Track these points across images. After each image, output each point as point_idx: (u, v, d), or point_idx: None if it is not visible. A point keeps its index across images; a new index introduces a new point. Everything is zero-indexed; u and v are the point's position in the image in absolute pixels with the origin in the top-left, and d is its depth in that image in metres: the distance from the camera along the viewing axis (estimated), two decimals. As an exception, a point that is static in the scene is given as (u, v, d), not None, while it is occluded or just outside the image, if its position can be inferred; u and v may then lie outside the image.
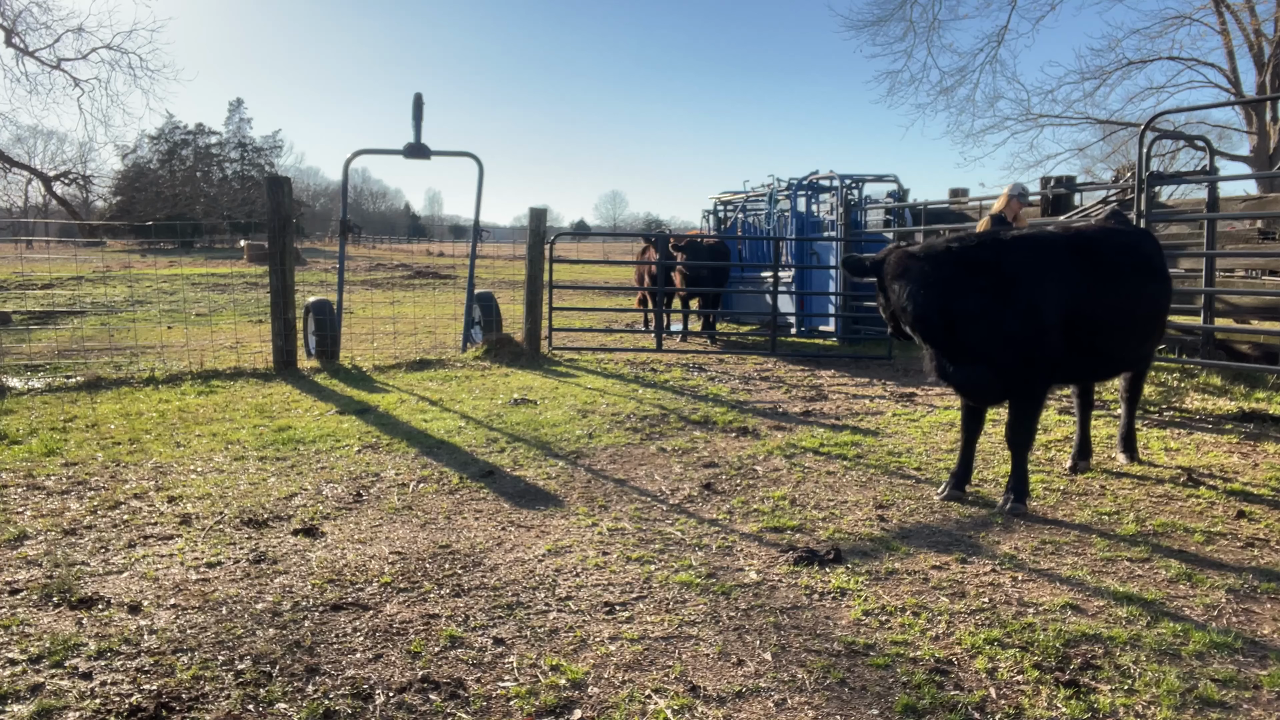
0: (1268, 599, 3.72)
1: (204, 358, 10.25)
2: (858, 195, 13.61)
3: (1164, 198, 11.87)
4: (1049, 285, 4.73)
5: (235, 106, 76.98)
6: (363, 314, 16.36)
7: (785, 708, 2.90)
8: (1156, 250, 5.39)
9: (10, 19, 33.23)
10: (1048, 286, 4.72)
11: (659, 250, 12.65)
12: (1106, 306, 4.94)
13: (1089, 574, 3.99)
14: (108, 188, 64.30)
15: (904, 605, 3.66)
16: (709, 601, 3.71)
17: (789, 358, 11.19)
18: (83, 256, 34.95)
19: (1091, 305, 4.86)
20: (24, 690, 2.94)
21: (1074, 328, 4.80)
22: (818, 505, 5.03)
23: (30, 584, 3.81)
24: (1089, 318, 4.86)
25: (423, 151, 10.87)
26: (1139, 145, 8.58)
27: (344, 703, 2.89)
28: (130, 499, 5.04)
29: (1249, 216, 9.48)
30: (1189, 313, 9.72)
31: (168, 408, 7.58)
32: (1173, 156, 24.88)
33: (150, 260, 34.36)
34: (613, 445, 6.42)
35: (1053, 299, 4.73)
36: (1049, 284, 4.73)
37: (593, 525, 4.67)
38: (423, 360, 10.31)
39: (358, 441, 6.42)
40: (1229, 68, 23.45)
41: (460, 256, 42.28)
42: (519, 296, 13.13)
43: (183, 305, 17.93)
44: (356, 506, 4.97)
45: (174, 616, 3.51)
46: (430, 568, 4.06)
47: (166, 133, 69.25)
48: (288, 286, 9.41)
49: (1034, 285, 4.69)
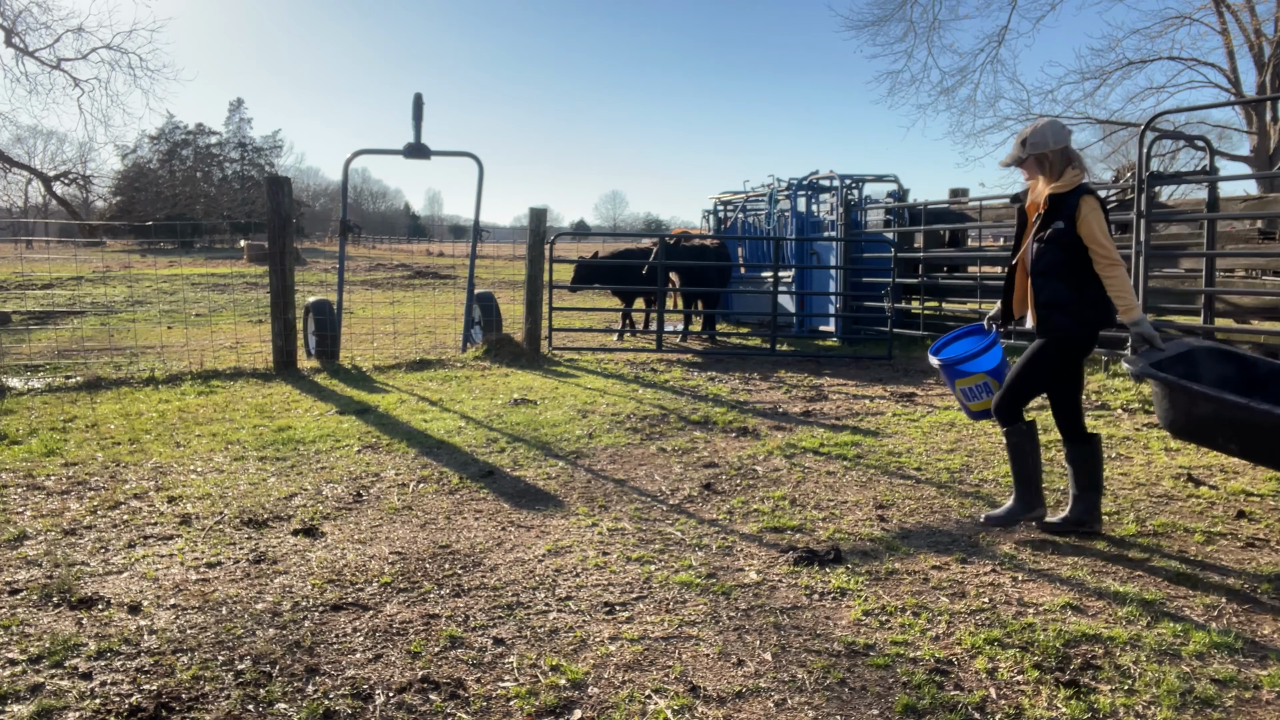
0: (1267, 599, 3.72)
1: (204, 358, 10.26)
2: (858, 195, 13.61)
3: (1164, 198, 11.87)
4: None
5: (235, 106, 77.04)
6: (363, 314, 16.36)
7: (785, 708, 2.90)
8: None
9: (10, 19, 33.27)
10: None
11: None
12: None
13: (1089, 574, 3.99)
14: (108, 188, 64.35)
15: (904, 605, 3.66)
16: (709, 601, 3.71)
17: (789, 358, 11.19)
18: (83, 256, 34.96)
19: None
20: (24, 690, 2.94)
21: None
22: (818, 505, 5.03)
23: (30, 584, 3.81)
24: None
25: (423, 151, 10.87)
26: (1139, 145, 8.58)
27: (344, 703, 2.88)
28: (130, 499, 5.04)
29: (1249, 216, 9.48)
30: (1189, 313, 9.72)
31: (168, 408, 7.58)
32: (1173, 156, 24.88)
33: (150, 260, 34.36)
34: (613, 445, 6.42)
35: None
36: None
37: (593, 525, 4.67)
38: (423, 360, 10.31)
39: (358, 441, 6.42)
40: (1229, 68, 23.46)
41: (460, 256, 42.29)
42: (519, 296, 13.13)
43: (182, 305, 17.93)
44: (356, 506, 4.97)
45: (174, 616, 3.51)
46: (430, 568, 4.06)
47: (166, 133, 69.30)
48: (288, 286, 9.41)
49: None
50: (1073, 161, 4.29)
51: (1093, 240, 4.18)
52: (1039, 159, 4.29)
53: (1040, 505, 4.53)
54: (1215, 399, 3.94)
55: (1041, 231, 4.30)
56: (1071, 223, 4.20)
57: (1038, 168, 4.32)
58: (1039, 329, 4.40)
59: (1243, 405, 3.84)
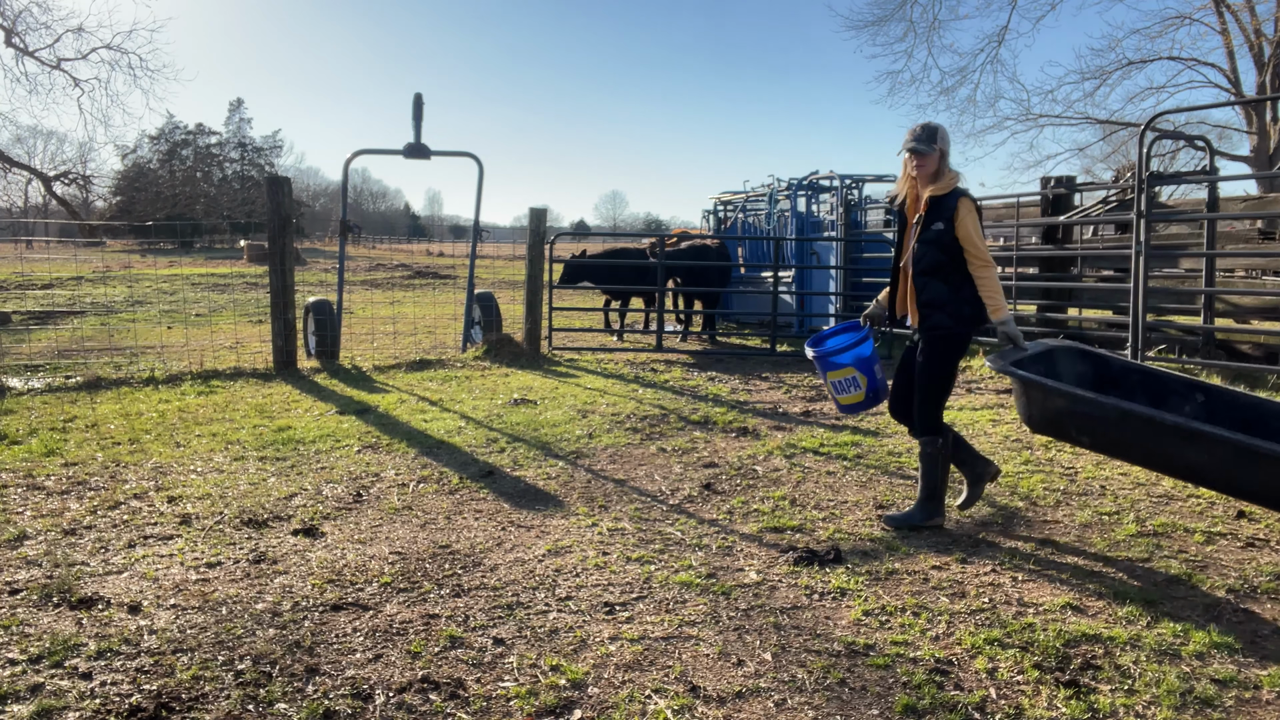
0: (1268, 599, 3.72)
1: (204, 358, 10.26)
2: (858, 195, 13.61)
3: (1164, 198, 11.87)
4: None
5: (235, 106, 77.02)
6: (363, 314, 16.37)
7: (785, 708, 2.90)
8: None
9: (10, 19, 33.28)
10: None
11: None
12: None
13: (1089, 574, 3.99)
14: (108, 188, 64.36)
15: (904, 605, 3.66)
16: (709, 601, 3.71)
17: (789, 358, 11.19)
18: (83, 256, 34.96)
19: None
20: (24, 690, 2.94)
21: None
22: (818, 505, 5.03)
23: (30, 584, 3.81)
24: None
25: (423, 151, 10.87)
26: (1139, 145, 8.58)
27: (344, 703, 2.88)
28: (130, 499, 5.04)
29: (1249, 216, 9.48)
30: (1189, 313, 9.72)
31: (167, 408, 7.58)
32: (1173, 156, 24.91)
33: (150, 260, 34.35)
34: (613, 445, 6.42)
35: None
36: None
37: (593, 525, 4.67)
38: (423, 360, 10.31)
39: (358, 441, 6.42)
40: (1229, 68, 23.47)
41: (460, 256, 42.29)
42: (519, 296, 13.13)
43: (182, 305, 17.93)
44: (356, 506, 4.97)
45: (174, 616, 3.51)
46: (430, 568, 4.06)
47: (166, 133, 69.27)
48: (288, 286, 9.41)
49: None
50: (949, 164, 4.43)
51: (968, 241, 4.31)
52: (941, 155, 4.38)
53: (940, 515, 4.61)
54: (1066, 394, 4.11)
55: (924, 233, 4.41)
56: (950, 224, 4.33)
57: (935, 164, 4.38)
58: (920, 327, 4.50)
59: (1089, 399, 4.03)
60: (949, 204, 4.33)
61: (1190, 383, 4.53)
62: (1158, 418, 3.86)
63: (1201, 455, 3.75)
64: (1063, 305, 11.04)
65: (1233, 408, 4.38)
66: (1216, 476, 3.87)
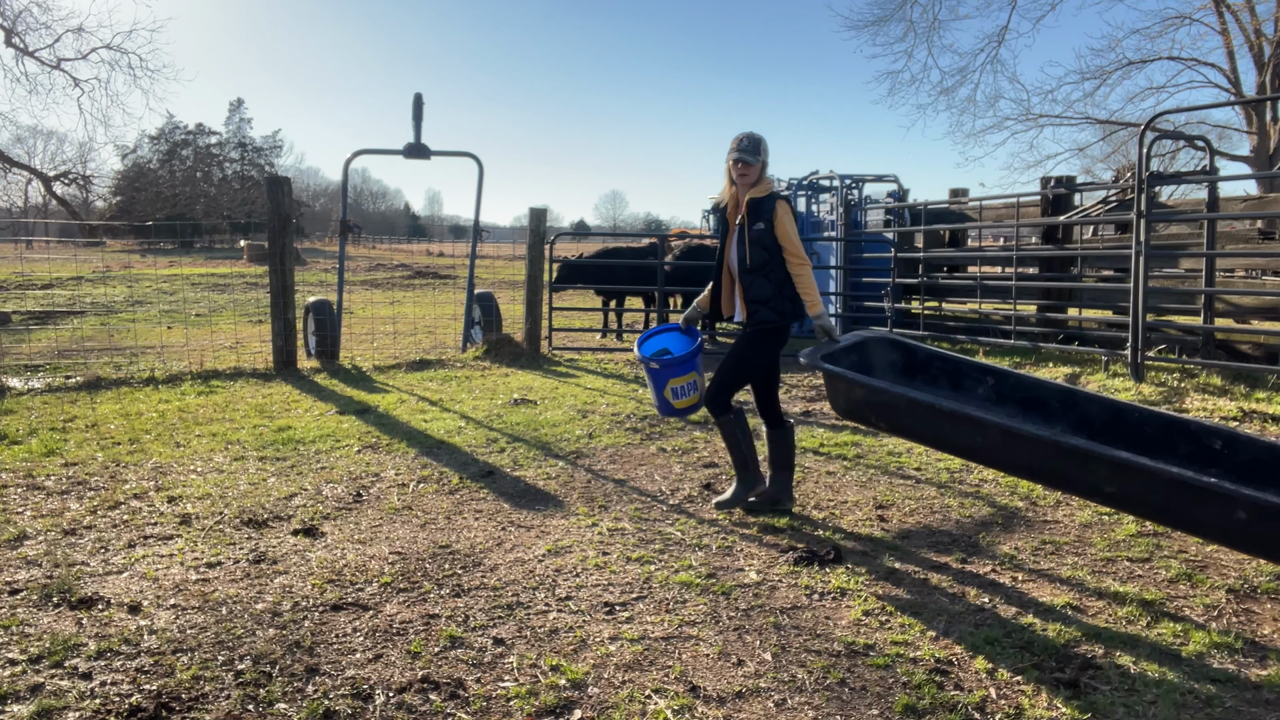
0: (1268, 599, 3.72)
1: (204, 358, 10.25)
2: (858, 195, 13.62)
3: (1164, 198, 11.87)
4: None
5: (235, 106, 76.99)
6: (363, 314, 16.36)
7: (785, 708, 2.90)
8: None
9: (10, 19, 33.28)
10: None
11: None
12: None
13: (1089, 574, 3.99)
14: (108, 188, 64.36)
15: (904, 605, 3.66)
16: (709, 601, 3.71)
17: (789, 357, 11.18)
18: (83, 256, 34.96)
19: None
20: (24, 690, 2.94)
21: None
22: (818, 505, 5.03)
23: (30, 584, 3.81)
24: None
25: (423, 151, 10.87)
26: (1139, 145, 8.58)
27: (344, 703, 2.88)
28: (130, 499, 5.04)
29: (1249, 216, 9.47)
30: (1189, 313, 9.72)
31: (167, 408, 7.58)
32: (1173, 156, 24.91)
33: (150, 260, 34.34)
34: (613, 445, 6.42)
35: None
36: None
37: (593, 525, 4.67)
38: (423, 360, 10.31)
39: (358, 441, 6.42)
40: (1229, 68, 23.47)
41: (460, 256, 42.27)
42: (519, 296, 13.13)
43: (182, 305, 17.93)
44: (356, 506, 4.97)
45: (174, 616, 3.51)
46: (430, 568, 4.06)
47: (166, 133, 69.25)
48: (288, 286, 9.41)
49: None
50: (767, 172, 4.77)
51: (786, 239, 4.63)
52: (763, 165, 4.69)
53: (760, 482, 4.93)
54: (864, 384, 4.37)
55: (748, 233, 4.67)
56: (770, 225, 4.63)
57: (757, 173, 4.67)
58: (748, 322, 4.77)
59: (883, 389, 4.32)
60: (768, 206, 4.63)
61: (982, 367, 4.90)
62: (936, 404, 4.13)
63: (976, 437, 4.02)
64: (1063, 305, 11.04)
65: (1017, 389, 4.73)
66: (990, 455, 4.15)
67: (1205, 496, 3.33)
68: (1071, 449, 3.69)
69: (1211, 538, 3.71)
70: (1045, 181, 11.63)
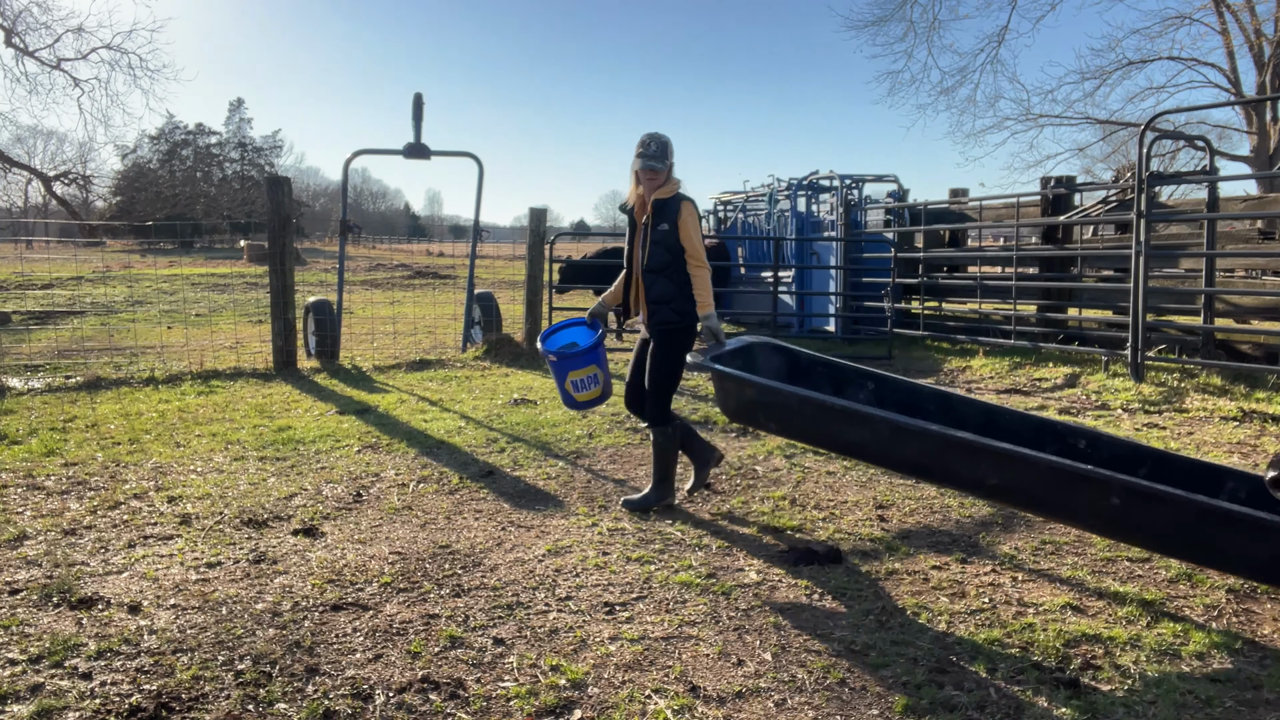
0: (1268, 599, 3.72)
1: (204, 358, 10.25)
2: (858, 195, 13.62)
3: (1164, 198, 11.87)
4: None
5: (235, 106, 76.98)
6: (363, 314, 16.36)
7: (785, 708, 2.90)
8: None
9: (10, 19, 33.29)
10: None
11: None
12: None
13: (1089, 574, 3.99)
14: (108, 188, 64.34)
15: (904, 605, 3.66)
16: (709, 601, 3.71)
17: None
18: (83, 256, 34.95)
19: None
20: (24, 690, 2.94)
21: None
22: (818, 505, 5.03)
23: (30, 584, 3.81)
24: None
25: (423, 151, 10.86)
26: (1139, 145, 8.58)
27: (344, 703, 2.88)
28: (130, 499, 5.04)
29: (1249, 216, 9.48)
30: (1189, 313, 9.72)
31: (168, 408, 7.58)
32: (1173, 156, 24.90)
33: (150, 260, 34.34)
34: (613, 445, 6.42)
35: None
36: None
37: (593, 525, 4.67)
38: (423, 360, 10.31)
39: (358, 441, 6.42)
40: (1229, 68, 23.47)
41: (460, 256, 42.27)
42: (519, 296, 13.12)
43: (182, 305, 17.93)
44: (356, 506, 4.97)
45: (174, 616, 3.51)
46: (430, 568, 4.06)
47: (166, 133, 69.25)
48: (288, 286, 9.41)
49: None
50: (673, 174, 4.79)
51: (688, 242, 4.68)
52: (669, 168, 4.72)
53: (671, 495, 4.93)
54: (755, 384, 4.43)
55: (652, 234, 4.70)
56: (675, 226, 4.66)
57: (664, 177, 4.70)
58: (649, 322, 4.81)
59: (774, 388, 4.38)
60: (673, 207, 4.67)
61: (863, 372, 5.02)
62: (827, 401, 4.22)
63: (866, 433, 4.12)
64: (1063, 305, 11.04)
65: (896, 393, 4.86)
66: (879, 452, 4.25)
67: (1081, 483, 3.51)
68: (958, 441, 3.80)
69: (1086, 525, 3.86)
70: (1045, 181, 11.63)
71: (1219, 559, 3.53)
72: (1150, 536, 3.61)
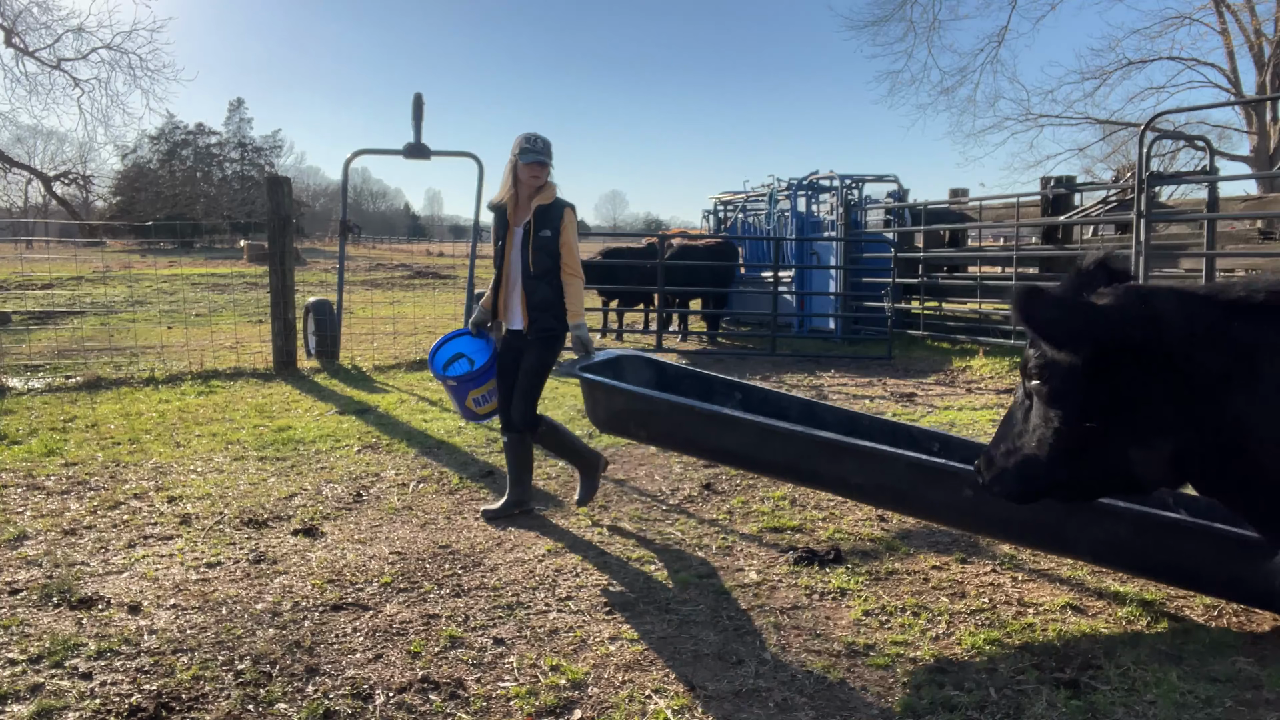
0: (1268, 599, 3.72)
1: (204, 358, 10.25)
2: (858, 195, 13.61)
3: (1164, 198, 11.88)
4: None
5: (235, 106, 76.80)
6: (363, 314, 16.36)
7: (785, 708, 2.90)
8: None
9: (10, 19, 33.30)
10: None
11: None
12: None
13: (1089, 574, 3.99)
14: (108, 188, 64.27)
15: (904, 605, 3.66)
16: (709, 601, 3.71)
17: (788, 358, 11.19)
18: (83, 256, 34.92)
19: None
20: (24, 690, 2.94)
21: None
22: (818, 505, 5.03)
23: (30, 584, 3.81)
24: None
25: (423, 151, 10.86)
26: (1139, 145, 8.59)
27: (344, 703, 2.88)
28: (130, 499, 5.04)
29: (1249, 216, 9.48)
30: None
31: (168, 408, 7.58)
32: (1173, 156, 24.89)
33: (150, 260, 34.34)
34: (613, 445, 6.41)
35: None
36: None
37: (593, 525, 4.67)
38: (423, 360, 10.30)
39: (358, 441, 6.42)
40: (1229, 68, 23.47)
41: (460, 256, 42.24)
42: (519, 296, 13.11)
43: (182, 305, 17.93)
44: (356, 506, 4.97)
45: (174, 616, 3.51)
46: (430, 568, 4.06)
47: (166, 133, 69.15)
48: (288, 286, 9.41)
49: None
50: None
51: (566, 249, 4.64)
52: (548, 169, 4.65)
53: (530, 499, 4.88)
54: (625, 392, 4.48)
55: (534, 239, 4.61)
56: (557, 232, 4.61)
57: (547, 176, 4.64)
58: (530, 329, 4.68)
59: (644, 396, 4.44)
60: (556, 213, 4.62)
61: (730, 382, 5.13)
62: (696, 407, 4.31)
63: (734, 437, 4.20)
64: (1063, 305, 11.02)
65: (763, 402, 4.98)
66: (746, 456, 4.33)
67: (938, 478, 3.67)
68: (824, 442, 3.93)
69: (945, 520, 4.00)
70: (1045, 181, 11.64)
71: (1068, 546, 3.66)
72: (1001, 527, 3.71)
